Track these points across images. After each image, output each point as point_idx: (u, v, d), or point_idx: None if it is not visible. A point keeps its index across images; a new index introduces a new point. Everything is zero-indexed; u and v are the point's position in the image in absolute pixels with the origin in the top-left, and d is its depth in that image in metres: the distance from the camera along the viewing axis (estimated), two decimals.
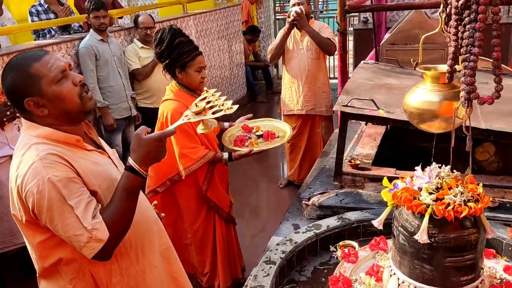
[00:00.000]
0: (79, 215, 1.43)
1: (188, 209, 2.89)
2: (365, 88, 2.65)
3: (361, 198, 2.33)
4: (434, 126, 1.44)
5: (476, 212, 1.35)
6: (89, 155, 1.58)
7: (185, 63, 2.62)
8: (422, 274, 1.43)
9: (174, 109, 2.63)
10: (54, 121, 1.52)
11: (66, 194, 1.43)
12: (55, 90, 1.48)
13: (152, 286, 1.73)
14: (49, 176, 1.42)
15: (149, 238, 1.73)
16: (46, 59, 1.49)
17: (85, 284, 1.60)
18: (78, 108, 1.53)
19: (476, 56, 1.07)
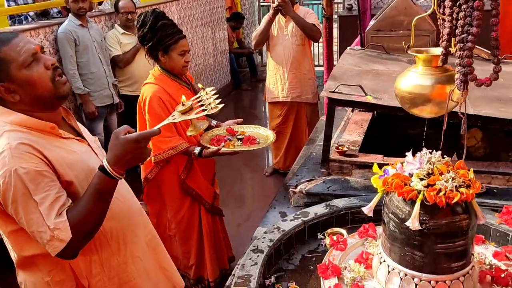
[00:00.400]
0: (43, 212, 1.37)
1: (171, 198, 2.84)
2: (352, 74, 2.62)
3: (349, 185, 2.31)
4: (426, 110, 1.40)
5: (468, 197, 1.33)
6: (65, 143, 1.51)
7: (168, 46, 2.56)
8: (413, 261, 1.41)
9: (153, 93, 2.57)
10: (27, 107, 1.45)
11: (32, 188, 1.36)
12: (25, 74, 1.41)
13: (134, 277, 1.69)
14: (16, 167, 1.35)
15: (132, 229, 1.68)
16: (16, 42, 1.41)
17: (64, 276, 1.56)
18: (51, 93, 1.46)
19: (474, 36, 1.04)
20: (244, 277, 1.65)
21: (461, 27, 1.06)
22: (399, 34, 3.63)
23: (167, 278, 1.85)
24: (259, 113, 7.47)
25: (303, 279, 1.78)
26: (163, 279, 1.83)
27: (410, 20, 3.60)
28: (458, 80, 1.13)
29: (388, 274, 1.47)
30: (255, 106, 7.87)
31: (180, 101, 2.54)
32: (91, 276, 1.58)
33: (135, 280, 1.69)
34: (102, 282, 1.60)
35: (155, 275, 1.78)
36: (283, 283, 1.76)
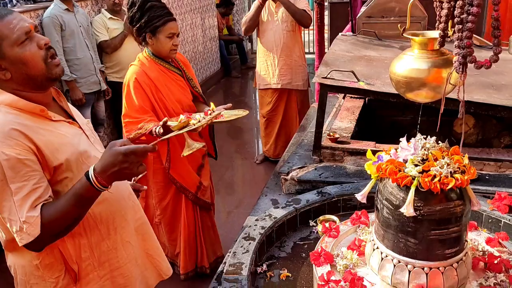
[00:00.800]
0: (16, 202, 1.34)
1: (155, 185, 2.78)
2: (344, 60, 2.59)
3: (341, 172, 2.29)
4: (421, 95, 1.38)
5: (463, 183, 1.31)
6: (55, 126, 1.48)
7: (155, 28, 2.50)
8: (406, 248, 1.39)
9: (131, 75, 2.53)
10: (18, 86, 1.43)
11: (10, 175, 1.33)
12: (18, 52, 1.38)
13: (125, 263, 1.67)
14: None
15: (122, 213, 1.65)
16: (9, 19, 1.38)
17: (53, 259, 1.53)
18: (43, 73, 1.43)
19: (475, 17, 1.01)
20: (235, 265, 1.63)
21: (460, 8, 1.03)
22: (390, 21, 3.60)
23: (153, 265, 1.82)
24: (249, 101, 7.42)
25: (295, 267, 1.76)
26: (149, 266, 1.80)
27: (401, 7, 3.61)
28: (457, 62, 1.10)
29: (381, 261, 1.45)
30: (245, 93, 7.82)
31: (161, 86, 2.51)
32: (80, 260, 1.56)
33: (126, 266, 1.67)
34: (92, 267, 1.58)
35: (141, 262, 1.76)
36: (275, 270, 1.75)
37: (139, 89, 2.50)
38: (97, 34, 4.36)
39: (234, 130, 5.88)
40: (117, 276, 1.64)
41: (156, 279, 1.83)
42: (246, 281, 1.56)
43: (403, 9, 3.52)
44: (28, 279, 1.55)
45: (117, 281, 1.64)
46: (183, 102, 2.62)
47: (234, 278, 1.58)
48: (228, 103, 2.47)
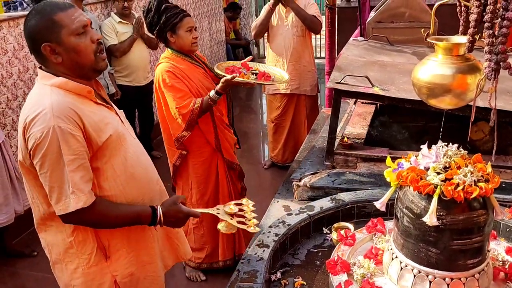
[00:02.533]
0: (69, 172, 1.46)
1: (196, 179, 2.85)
2: (358, 65, 2.56)
3: (354, 179, 2.26)
4: (444, 101, 1.35)
5: (487, 192, 1.28)
6: (98, 109, 1.60)
7: (174, 25, 2.63)
8: (427, 258, 1.36)
9: (163, 69, 2.64)
10: (66, 70, 1.55)
11: (64, 148, 1.45)
12: (74, 41, 1.51)
13: (150, 242, 1.78)
14: (55, 125, 1.44)
15: (150, 195, 1.74)
16: (71, 11, 1.53)
17: (86, 235, 1.63)
18: (91, 64, 1.57)
19: (510, 22, 0.98)
20: (250, 273, 1.61)
21: (491, 13, 1.01)
22: (400, 26, 3.58)
23: (172, 247, 1.91)
24: (255, 106, 7.40)
25: (309, 275, 1.73)
26: (168, 248, 1.89)
27: (411, 12, 3.59)
28: (488, 68, 1.07)
29: (401, 271, 1.43)
30: (251, 98, 7.80)
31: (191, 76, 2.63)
32: (112, 237, 1.66)
33: (151, 245, 1.77)
34: (122, 244, 1.68)
35: (162, 243, 1.86)
36: (289, 278, 1.72)
37: (175, 79, 2.60)
38: (106, 38, 4.35)
39: (240, 135, 5.81)
40: (143, 254, 1.74)
41: (173, 260, 1.93)
42: None
43: (413, 15, 3.50)
44: (63, 257, 1.66)
45: (142, 258, 1.74)
46: (211, 89, 2.69)
47: (248, 286, 1.55)
48: (235, 108, 2.52)
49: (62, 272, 1.69)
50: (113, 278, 1.67)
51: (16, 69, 3.64)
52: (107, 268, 1.67)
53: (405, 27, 3.53)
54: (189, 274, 3.10)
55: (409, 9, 3.55)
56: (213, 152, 2.83)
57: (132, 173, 1.65)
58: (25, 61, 3.72)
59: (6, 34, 3.56)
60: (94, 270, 1.65)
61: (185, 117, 2.61)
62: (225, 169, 2.91)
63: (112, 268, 1.67)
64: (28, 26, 1.52)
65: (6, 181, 3.11)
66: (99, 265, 1.65)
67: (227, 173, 2.93)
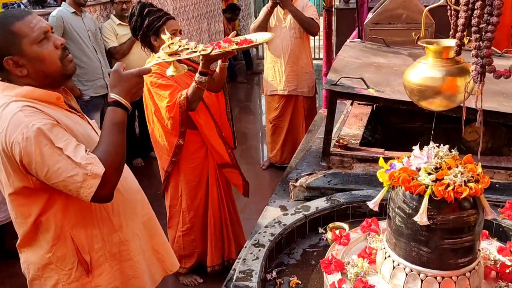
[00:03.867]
0: (70, 154, 1.38)
1: (187, 185, 2.83)
2: (354, 67, 2.59)
3: (350, 179, 2.28)
4: (435, 103, 1.37)
5: (477, 192, 1.31)
6: (69, 115, 1.55)
7: (157, 29, 2.56)
8: (419, 257, 1.39)
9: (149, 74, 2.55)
10: (33, 82, 1.48)
11: (53, 137, 1.38)
12: (36, 50, 1.45)
13: (135, 255, 1.71)
14: (33, 122, 1.37)
15: (132, 206, 1.70)
16: (29, 18, 1.45)
17: (65, 250, 1.56)
18: (59, 70, 1.50)
19: (495, 26, 1.01)
20: (245, 272, 1.63)
21: (478, 17, 1.03)
22: (397, 28, 3.61)
23: (158, 260, 1.85)
24: (254, 106, 7.43)
25: (304, 274, 1.75)
26: (155, 261, 1.83)
27: (408, 14, 3.62)
28: (475, 71, 1.10)
29: (393, 270, 1.45)
30: (250, 99, 7.83)
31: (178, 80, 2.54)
32: (92, 251, 1.59)
33: (135, 258, 1.71)
34: (104, 258, 1.62)
35: (148, 256, 1.79)
36: (285, 277, 1.74)
37: (162, 77, 2.54)
38: (106, 40, 4.38)
39: (239, 135, 5.85)
40: (127, 267, 1.68)
41: (161, 275, 1.87)
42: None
43: (410, 16, 3.53)
44: (42, 273, 1.59)
45: (127, 272, 1.68)
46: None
47: (244, 285, 1.57)
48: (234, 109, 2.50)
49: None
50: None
51: None
52: (89, 283, 1.60)
53: (403, 29, 3.55)
54: (185, 281, 3.08)
55: (407, 11, 3.58)
56: (205, 157, 2.81)
57: None
58: None
59: None
60: (75, 286, 1.59)
61: (176, 113, 2.53)
62: (215, 173, 2.89)
63: (94, 284, 1.61)
64: None
65: None
66: (80, 281, 1.59)
67: (218, 177, 2.91)
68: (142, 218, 1.77)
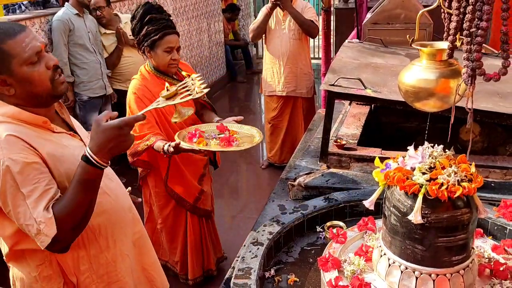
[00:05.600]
0: (30, 205, 1.34)
1: (157, 194, 2.76)
2: (351, 67, 2.62)
3: (347, 178, 2.31)
4: (429, 104, 1.40)
5: (470, 191, 1.33)
6: (57, 138, 1.49)
7: (153, 42, 2.44)
8: (414, 254, 1.41)
9: (131, 89, 2.51)
10: (21, 101, 1.43)
11: (20, 180, 1.33)
12: (26, 72, 1.39)
13: (124, 276, 1.67)
14: (5, 159, 1.33)
15: (121, 226, 1.65)
16: (22, 37, 1.39)
17: (51, 271, 1.53)
18: (48, 92, 1.45)
19: (484, 31, 1.04)
20: (244, 270, 1.66)
21: (469, 22, 1.06)
22: (396, 28, 3.63)
23: (147, 279, 1.82)
24: (253, 106, 7.45)
25: (302, 272, 1.78)
26: (143, 281, 1.80)
27: (407, 13, 3.64)
28: (465, 74, 1.13)
29: (389, 267, 1.48)
30: (250, 98, 7.85)
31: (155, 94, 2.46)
32: (79, 273, 1.56)
33: (124, 279, 1.67)
34: (91, 279, 1.58)
35: (136, 276, 1.76)
36: (283, 275, 1.77)
37: (140, 103, 2.44)
38: None
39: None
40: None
41: None
42: (254, 285, 1.58)
43: (409, 16, 3.55)
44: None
45: None
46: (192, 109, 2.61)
47: (243, 283, 1.60)
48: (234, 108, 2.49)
49: None
50: None
51: None
52: None
53: (401, 29, 3.58)
54: None
55: (405, 11, 3.60)
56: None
57: (99, 202, 1.48)
58: None
59: None
60: None
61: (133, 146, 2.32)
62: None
63: None
64: None
65: None
66: None
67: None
68: (133, 237, 1.74)
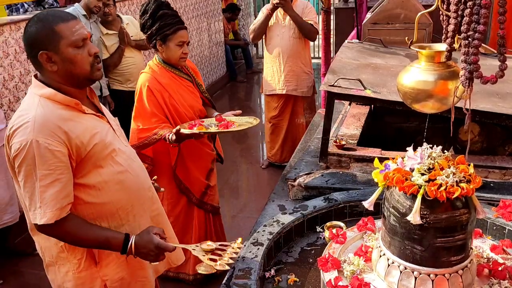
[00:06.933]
0: (39, 187, 1.51)
1: (169, 191, 2.81)
2: (351, 68, 2.62)
3: (347, 179, 2.32)
4: (428, 106, 1.41)
5: (468, 192, 1.34)
6: (86, 119, 1.64)
7: (165, 36, 2.56)
8: (413, 255, 1.42)
9: (143, 82, 2.59)
10: (60, 79, 1.60)
11: (39, 162, 1.50)
12: (71, 53, 1.57)
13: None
14: (34, 139, 1.49)
15: (141, 202, 1.79)
16: (73, 23, 1.58)
17: None
18: (86, 74, 1.62)
19: (481, 34, 1.05)
20: (244, 270, 1.67)
21: (467, 24, 1.07)
22: (396, 27, 3.64)
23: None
24: (254, 105, 7.46)
25: (302, 272, 1.80)
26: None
27: (406, 14, 3.65)
28: (463, 77, 1.14)
29: (388, 267, 1.49)
30: (250, 98, 7.86)
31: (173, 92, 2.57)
32: None
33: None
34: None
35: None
36: (283, 275, 1.78)
37: (151, 96, 2.56)
38: None
39: (239, 135, 5.91)
40: (133, 259, 1.74)
41: (164, 266, 1.97)
42: (255, 285, 1.59)
43: (409, 16, 3.56)
44: (56, 260, 1.71)
45: (133, 264, 1.78)
46: (194, 107, 2.68)
47: (243, 283, 1.61)
48: (234, 108, 2.52)
49: (55, 274, 1.73)
50: (103, 282, 1.72)
51: (17, 71, 3.70)
52: (97, 273, 1.71)
53: (401, 29, 3.58)
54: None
55: (405, 11, 3.61)
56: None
57: (121, 180, 1.68)
58: (26, 64, 3.78)
59: (8, 38, 3.62)
60: (84, 275, 1.70)
61: (140, 139, 2.57)
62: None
63: (102, 273, 1.72)
64: (28, 32, 1.56)
65: (12, 181, 3.18)
66: (89, 270, 1.70)
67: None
68: (151, 214, 1.86)
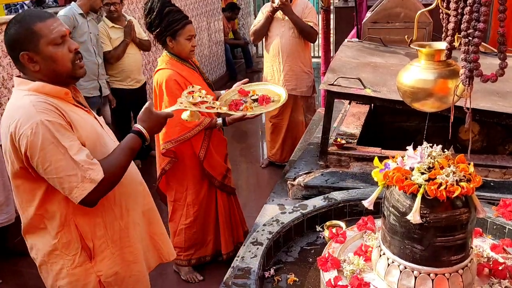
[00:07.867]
0: (73, 156, 1.52)
1: (193, 179, 2.91)
2: (351, 67, 2.62)
3: (347, 178, 2.32)
4: (427, 105, 1.41)
5: (468, 191, 1.34)
6: (76, 110, 1.66)
7: (175, 31, 2.66)
8: (413, 254, 1.42)
9: (168, 76, 2.66)
10: (44, 77, 1.61)
11: (59, 136, 1.51)
12: (51, 51, 1.58)
13: (135, 242, 1.82)
14: (42, 119, 1.50)
15: (133, 197, 1.81)
16: (50, 21, 1.59)
17: (70, 237, 1.67)
18: (68, 71, 1.63)
19: (481, 32, 1.04)
20: (244, 269, 1.66)
21: (467, 23, 1.06)
22: (395, 26, 3.63)
23: (155, 248, 1.96)
24: None
25: (302, 271, 1.79)
26: (151, 248, 1.95)
27: (406, 12, 3.64)
28: (463, 75, 1.13)
29: (388, 267, 1.48)
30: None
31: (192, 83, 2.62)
32: (95, 237, 1.71)
33: (135, 245, 1.82)
34: (106, 244, 1.73)
35: (145, 243, 1.91)
36: (283, 275, 1.78)
37: (179, 89, 2.59)
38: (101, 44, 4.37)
39: (239, 134, 5.91)
40: (127, 253, 1.79)
41: (156, 261, 1.99)
42: (254, 285, 1.59)
43: (408, 15, 3.55)
44: (48, 259, 1.71)
45: (127, 258, 1.79)
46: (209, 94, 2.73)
47: (242, 282, 1.61)
48: None
49: (48, 273, 1.74)
50: (97, 278, 1.73)
51: (17, 71, 3.67)
52: (91, 268, 1.72)
53: (401, 28, 3.58)
54: (186, 276, 3.13)
55: (405, 9, 3.60)
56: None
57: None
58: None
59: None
60: (79, 271, 1.70)
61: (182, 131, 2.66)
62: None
63: (97, 268, 1.73)
64: (8, 35, 1.59)
65: (8, 181, 3.17)
66: (83, 266, 1.71)
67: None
68: (143, 208, 1.89)
